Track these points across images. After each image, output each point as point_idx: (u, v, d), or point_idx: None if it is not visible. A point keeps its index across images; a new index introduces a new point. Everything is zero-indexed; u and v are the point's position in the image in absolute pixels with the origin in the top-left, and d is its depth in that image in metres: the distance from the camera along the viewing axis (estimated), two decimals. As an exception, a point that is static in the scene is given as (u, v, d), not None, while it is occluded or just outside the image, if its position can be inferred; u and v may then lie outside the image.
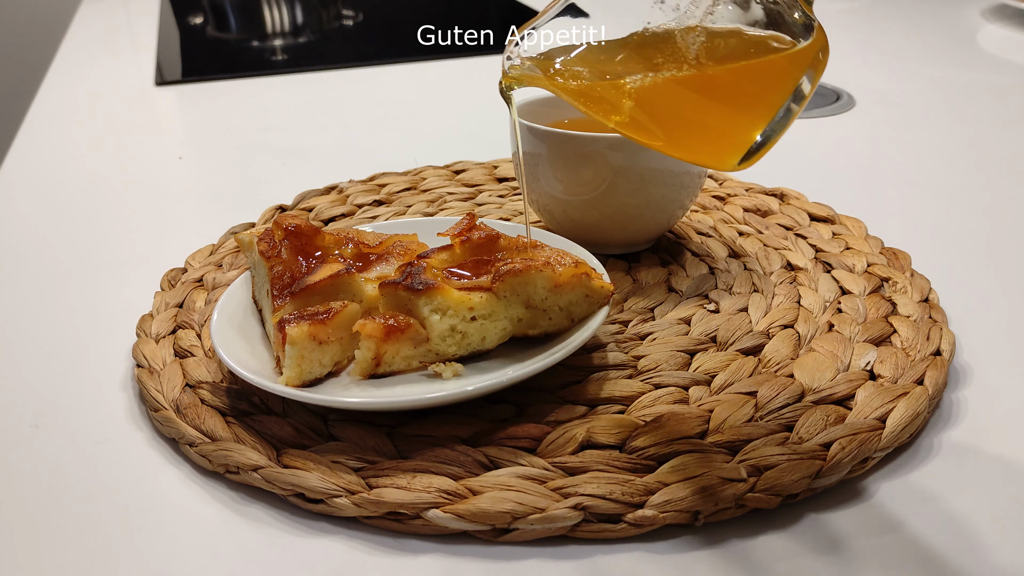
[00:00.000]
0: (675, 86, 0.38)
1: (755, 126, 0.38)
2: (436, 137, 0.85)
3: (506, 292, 0.43)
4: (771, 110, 0.38)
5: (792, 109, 0.38)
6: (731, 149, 0.39)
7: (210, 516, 0.37)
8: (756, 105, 0.38)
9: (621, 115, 0.38)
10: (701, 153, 0.40)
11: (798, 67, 0.38)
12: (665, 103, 0.38)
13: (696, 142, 0.40)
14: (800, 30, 0.38)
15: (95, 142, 0.86)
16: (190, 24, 1.39)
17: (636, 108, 0.38)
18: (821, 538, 0.35)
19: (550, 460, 0.38)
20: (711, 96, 0.38)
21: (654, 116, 0.39)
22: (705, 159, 0.40)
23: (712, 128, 0.39)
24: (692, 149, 0.40)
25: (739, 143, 0.38)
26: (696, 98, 0.38)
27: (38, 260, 0.61)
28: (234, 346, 0.43)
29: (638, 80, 0.38)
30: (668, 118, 0.39)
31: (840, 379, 0.43)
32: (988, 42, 1.16)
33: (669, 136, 0.39)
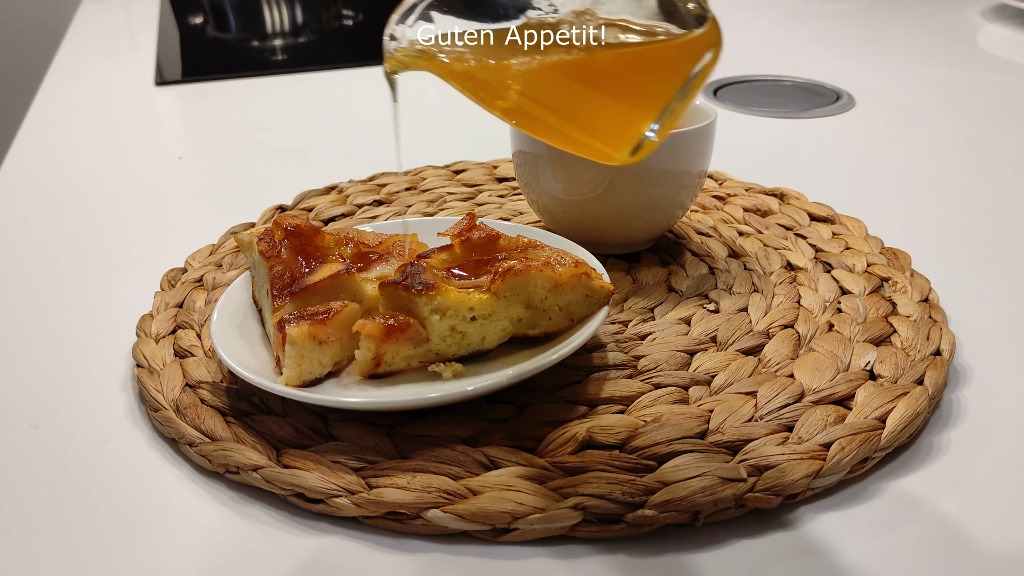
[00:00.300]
0: (561, 73, 0.37)
1: (644, 118, 0.37)
2: (436, 137, 0.85)
3: (506, 292, 0.43)
4: (660, 102, 0.37)
5: (682, 100, 0.37)
6: (620, 141, 0.38)
7: (210, 516, 0.37)
8: (645, 96, 0.37)
9: (507, 101, 0.37)
10: (589, 145, 0.39)
11: (688, 58, 0.37)
12: (551, 90, 0.38)
13: (584, 133, 0.39)
14: (693, 22, 0.38)
15: (95, 142, 0.86)
16: (190, 24, 1.39)
17: (521, 94, 0.37)
18: (821, 538, 0.35)
19: (550, 460, 0.38)
20: (598, 85, 0.37)
21: (540, 103, 0.38)
22: (593, 152, 0.39)
23: (600, 119, 0.38)
24: (579, 141, 0.39)
25: (628, 135, 0.37)
26: (583, 87, 0.37)
27: (38, 260, 0.61)
28: (234, 346, 0.43)
29: (523, 64, 0.37)
30: (553, 107, 0.38)
31: (840, 379, 0.43)
32: (988, 42, 1.16)
33: (556, 125, 0.38)
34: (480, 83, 0.38)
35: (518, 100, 0.37)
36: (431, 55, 0.38)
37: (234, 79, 1.06)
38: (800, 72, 1.01)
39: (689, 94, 0.37)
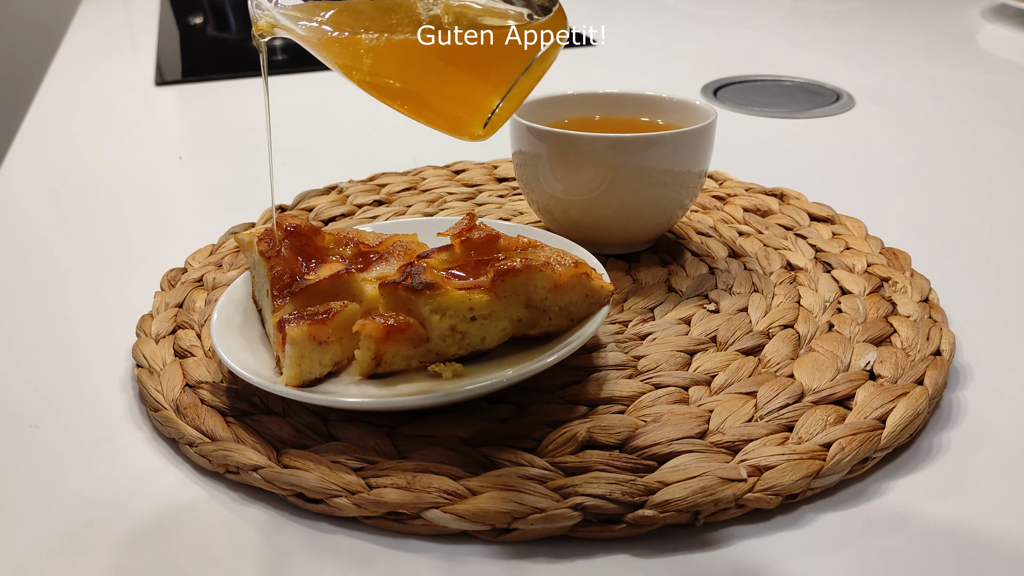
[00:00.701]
0: (413, 48, 0.38)
1: (491, 93, 0.39)
2: (436, 137, 0.85)
3: (506, 292, 0.43)
4: (506, 80, 0.39)
5: (525, 80, 0.40)
6: (471, 115, 0.40)
7: (210, 516, 0.37)
8: (491, 74, 0.40)
9: (361, 72, 0.39)
10: (442, 118, 0.41)
11: (532, 41, 0.39)
12: (403, 64, 0.39)
13: (435, 107, 0.41)
14: (539, 10, 0.40)
15: (95, 142, 0.86)
16: (190, 24, 1.39)
17: (375, 66, 0.39)
18: (821, 538, 0.35)
19: (550, 460, 0.38)
20: (447, 61, 0.39)
21: (393, 76, 0.40)
22: (446, 125, 0.41)
23: (449, 94, 0.40)
24: (433, 113, 0.41)
25: (478, 110, 0.40)
26: (433, 62, 0.39)
27: (38, 260, 0.61)
28: (234, 346, 0.43)
29: (375, 38, 0.38)
30: (406, 80, 0.40)
31: (840, 379, 0.43)
32: (988, 42, 1.16)
33: (409, 98, 0.40)
34: (336, 54, 0.40)
35: (373, 73, 0.39)
36: (294, 22, 0.40)
37: (234, 79, 1.06)
38: (800, 72, 1.01)
39: (533, 74, 0.40)
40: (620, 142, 0.50)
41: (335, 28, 0.40)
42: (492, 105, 0.39)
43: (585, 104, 0.60)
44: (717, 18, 1.35)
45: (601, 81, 1.03)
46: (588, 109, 0.60)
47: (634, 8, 1.43)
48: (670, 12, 1.40)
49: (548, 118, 0.58)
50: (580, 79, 1.04)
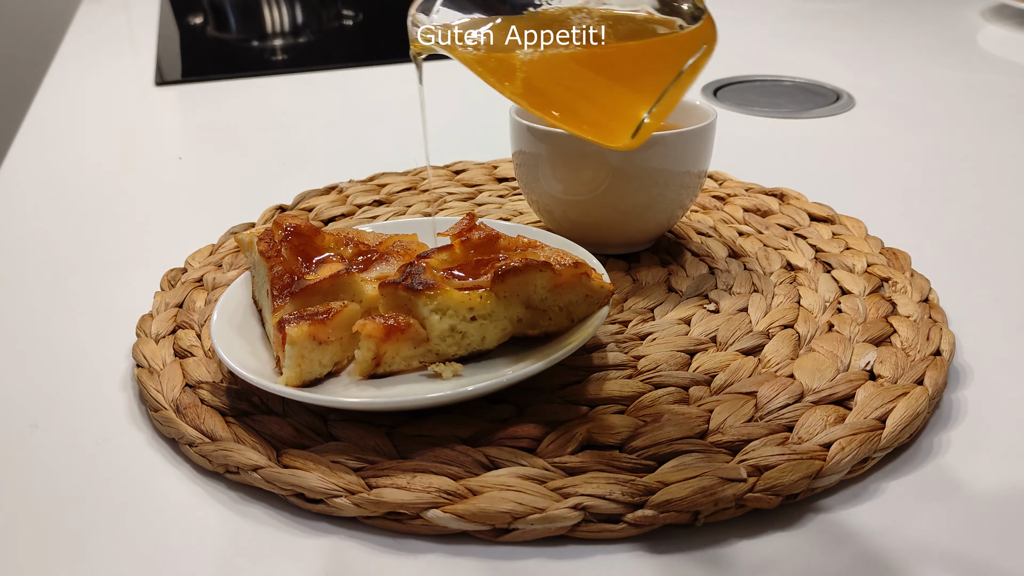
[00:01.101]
0: (564, 61, 0.39)
1: (641, 104, 0.39)
2: (436, 137, 0.85)
3: (506, 292, 0.43)
4: (656, 90, 0.39)
5: (675, 90, 0.40)
6: (620, 125, 0.40)
7: (210, 516, 0.37)
8: (641, 84, 0.40)
9: (515, 85, 0.40)
10: (592, 127, 0.41)
11: (681, 51, 0.40)
12: (556, 77, 0.40)
13: (586, 117, 0.41)
14: (688, 18, 0.40)
15: (95, 142, 0.86)
16: (190, 24, 1.39)
17: (529, 80, 0.40)
18: (821, 538, 0.35)
19: (550, 460, 0.38)
20: (599, 72, 0.40)
21: (544, 89, 0.40)
22: (596, 134, 0.41)
23: (600, 104, 0.41)
24: (583, 123, 0.41)
25: (627, 119, 0.40)
26: (585, 73, 0.40)
27: (38, 260, 0.61)
28: (234, 346, 0.43)
29: (530, 53, 0.39)
30: (558, 92, 0.41)
31: (840, 379, 0.43)
32: (988, 42, 1.16)
33: (560, 109, 0.41)
34: (491, 69, 0.41)
35: (526, 85, 0.40)
36: (451, 41, 0.42)
37: (234, 79, 1.06)
38: (800, 72, 1.01)
39: (682, 84, 0.39)
40: (620, 142, 0.50)
41: (489, 44, 0.41)
42: (641, 115, 0.39)
43: (585, 104, 0.60)
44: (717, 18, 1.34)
45: (601, 81, 1.02)
46: (588, 109, 0.60)
47: (634, 8, 1.43)
48: (670, 12, 1.40)
49: (548, 118, 0.58)
50: (580, 79, 1.03)
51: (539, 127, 0.53)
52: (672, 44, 0.40)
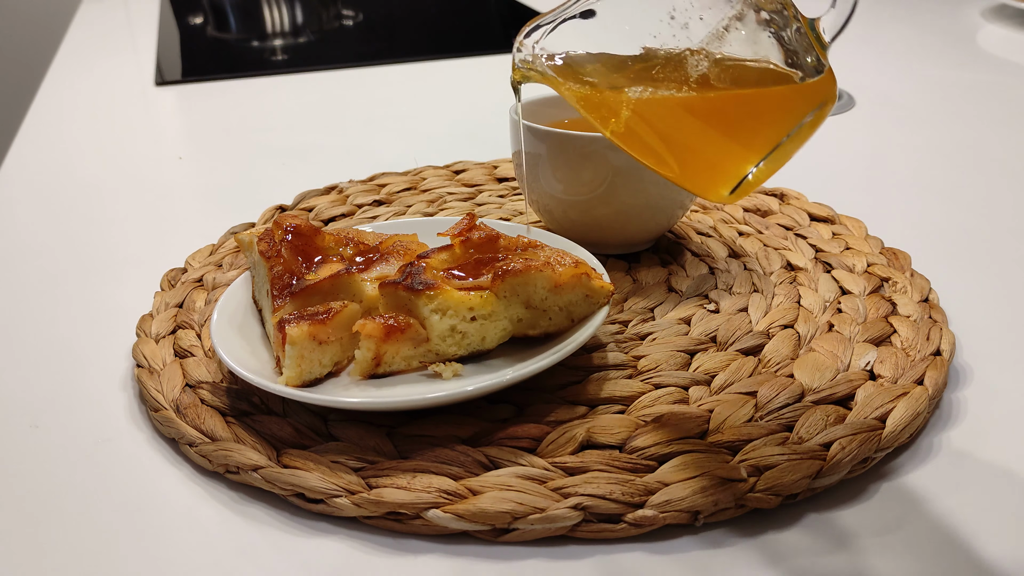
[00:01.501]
0: (674, 105, 0.37)
1: (749, 158, 0.37)
2: (436, 137, 0.85)
3: (506, 292, 0.43)
4: (767, 144, 0.37)
5: (788, 145, 0.37)
6: (723, 178, 0.38)
7: (210, 516, 0.37)
8: (753, 137, 0.38)
9: (617, 125, 0.38)
10: (692, 178, 0.39)
11: (801, 105, 0.37)
12: (661, 120, 0.38)
13: (688, 165, 0.39)
14: (811, 71, 0.38)
15: (95, 142, 0.86)
16: (190, 24, 1.39)
17: (632, 120, 0.38)
18: (821, 538, 0.35)
19: (550, 460, 0.38)
20: (709, 121, 0.38)
21: (649, 132, 0.38)
22: (695, 185, 0.39)
23: (706, 154, 0.39)
24: (684, 172, 0.39)
25: (731, 173, 0.38)
26: (693, 121, 0.38)
27: (38, 260, 0.61)
28: (234, 346, 0.43)
29: (638, 93, 0.37)
30: (662, 136, 0.39)
31: (840, 379, 0.43)
32: (988, 42, 1.16)
33: (662, 155, 0.39)
34: (595, 105, 0.39)
35: (629, 126, 0.38)
36: (555, 72, 0.40)
37: (234, 79, 1.06)
38: (800, 72, 1.01)
39: (797, 140, 0.37)
40: (620, 142, 0.50)
41: (597, 80, 0.39)
42: (746, 171, 0.37)
43: (585, 104, 0.60)
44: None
45: (601, 81, 1.03)
46: (588, 109, 0.60)
47: (634, 8, 1.43)
48: (670, 12, 1.40)
49: (548, 118, 0.58)
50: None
51: (539, 127, 0.53)
52: (789, 97, 0.37)
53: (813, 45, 0.38)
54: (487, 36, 1.35)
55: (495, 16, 1.49)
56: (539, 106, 0.58)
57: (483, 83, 1.04)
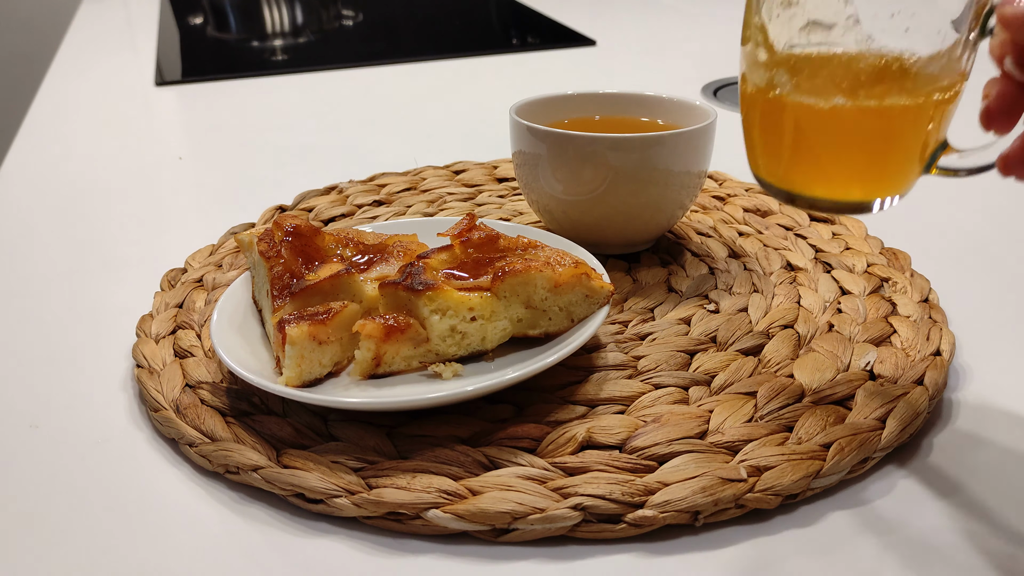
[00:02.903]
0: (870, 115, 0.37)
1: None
2: (436, 137, 0.85)
3: (506, 292, 0.43)
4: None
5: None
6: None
7: (210, 516, 0.37)
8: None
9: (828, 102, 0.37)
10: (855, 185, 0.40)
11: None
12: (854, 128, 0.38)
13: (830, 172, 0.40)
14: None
15: (95, 142, 0.86)
16: (190, 24, 1.39)
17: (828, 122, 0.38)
18: (821, 538, 0.35)
19: (550, 460, 0.38)
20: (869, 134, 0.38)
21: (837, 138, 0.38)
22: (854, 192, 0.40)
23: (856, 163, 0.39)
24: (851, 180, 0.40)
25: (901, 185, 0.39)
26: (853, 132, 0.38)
27: (38, 260, 0.61)
28: (234, 346, 0.43)
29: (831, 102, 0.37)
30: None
31: (840, 379, 0.43)
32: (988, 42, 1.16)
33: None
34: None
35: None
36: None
37: (234, 79, 1.06)
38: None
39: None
40: (620, 142, 0.50)
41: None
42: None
43: (585, 104, 0.60)
44: (717, 18, 1.35)
45: (601, 81, 1.03)
46: (588, 109, 0.60)
47: (634, 8, 1.43)
48: (670, 12, 1.40)
49: (548, 118, 0.58)
50: (580, 79, 1.04)
51: (539, 127, 0.53)
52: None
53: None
54: (487, 36, 1.35)
55: (495, 16, 1.49)
56: (539, 106, 0.58)
57: (483, 83, 1.04)
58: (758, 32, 0.39)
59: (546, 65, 1.11)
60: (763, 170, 0.41)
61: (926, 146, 0.38)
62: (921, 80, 0.36)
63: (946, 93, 0.37)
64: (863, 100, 0.36)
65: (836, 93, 0.36)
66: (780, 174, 0.40)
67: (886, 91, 0.36)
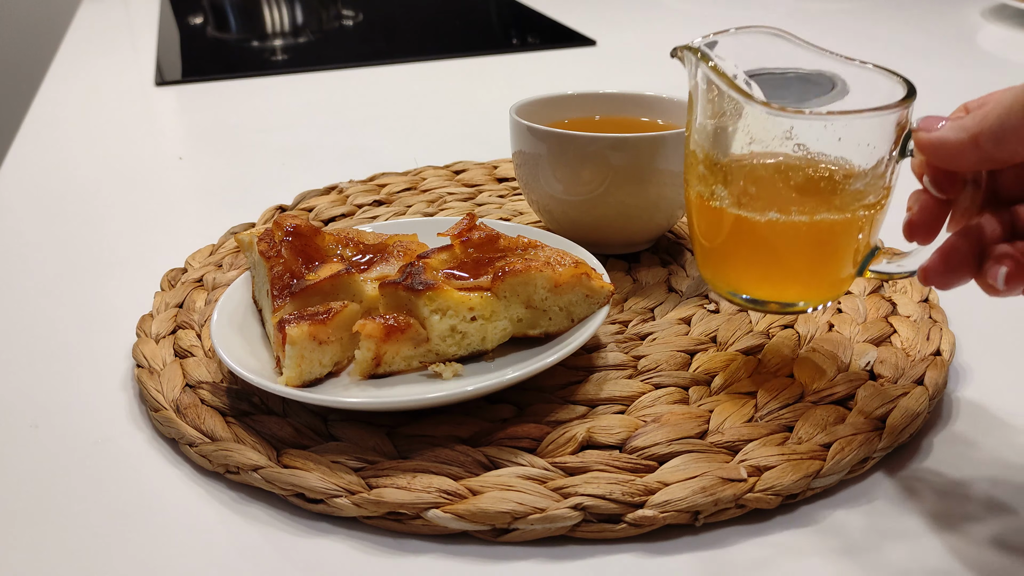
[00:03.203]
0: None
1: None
2: (436, 137, 0.85)
3: (506, 292, 0.43)
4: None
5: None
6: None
7: (210, 516, 0.37)
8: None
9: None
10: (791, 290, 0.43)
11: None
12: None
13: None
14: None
15: (95, 142, 0.86)
16: (190, 24, 1.39)
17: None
18: (821, 539, 0.35)
19: (550, 460, 0.38)
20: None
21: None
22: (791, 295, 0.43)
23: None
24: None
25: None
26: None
27: (38, 260, 0.61)
28: (234, 346, 0.43)
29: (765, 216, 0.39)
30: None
31: (840, 379, 0.43)
32: (988, 42, 1.16)
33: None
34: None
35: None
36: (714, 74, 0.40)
37: (234, 79, 1.06)
38: (800, 72, 1.01)
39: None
40: (620, 142, 0.50)
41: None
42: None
43: (585, 104, 0.60)
44: (717, 18, 1.35)
45: (601, 81, 1.03)
46: (588, 109, 0.60)
47: (634, 8, 1.43)
48: (670, 12, 1.40)
49: (548, 118, 0.58)
50: (580, 79, 1.04)
51: (539, 127, 0.53)
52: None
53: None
54: (487, 36, 1.35)
55: (495, 16, 1.49)
56: (539, 106, 0.58)
57: (483, 83, 1.04)
58: (699, 143, 0.41)
59: (546, 65, 1.11)
60: (706, 270, 0.44)
61: (858, 252, 0.41)
62: (849, 196, 0.39)
63: (873, 208, 0.40)
64: (796, 216, 0.39)
65: (771, 208, 0.39)
66: (720, 274, 0.43)
67: (817, 207, 0.39)
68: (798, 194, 0.40)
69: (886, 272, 0.41)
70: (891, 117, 0.38)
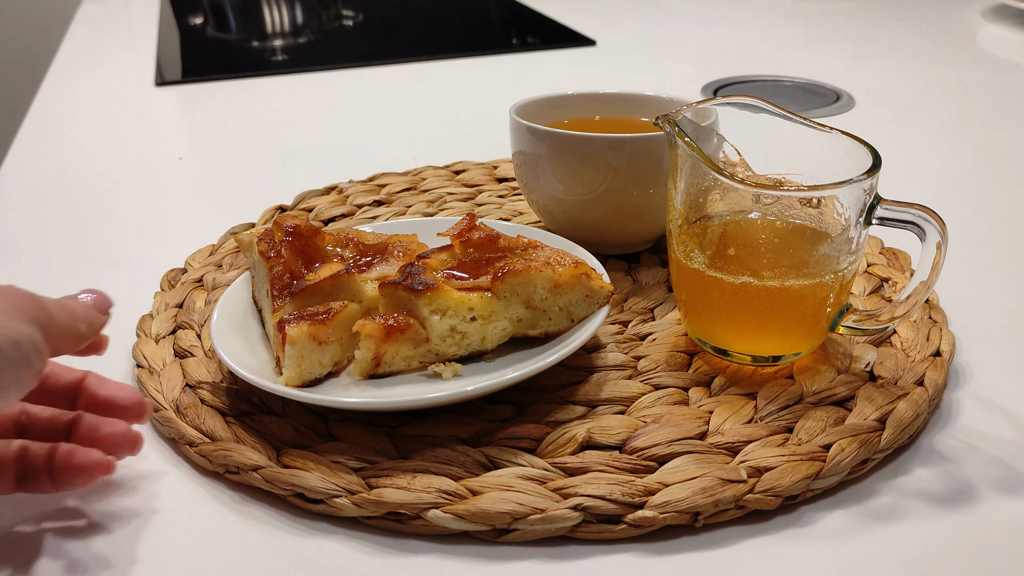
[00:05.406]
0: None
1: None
2: (436, 137, 0.85)
3: (506, 292, 0.43)
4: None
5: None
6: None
7: (210, 516, 0.37)
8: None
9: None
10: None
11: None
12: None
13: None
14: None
15: (95, 142, 0.86)
16: (190, 24, 1.39)
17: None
18: (821, 539, 0.35)
19: (550, 460, 0.38)
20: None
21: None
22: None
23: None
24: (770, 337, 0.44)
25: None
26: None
27: (38, 260, 0.61)
28: (234, 346, 0.43)
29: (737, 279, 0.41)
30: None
31: (840, 380, 0.43)
32: (988, 42, 1.16)
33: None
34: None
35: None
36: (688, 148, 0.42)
37: (234, 79, 1.06)
38: (800, 72, 1.01)
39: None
40: (620, 142, 0.50)
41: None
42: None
43: (585, 104, 0.60)
44: (717, 18, 1.35)
45: (601, 81, 1.03)
46: (588, 109, 0.60)
47: (634, 8, 1.43)
48: (670, 12, 1.40)
49: (548, 118, 0.58)
50: (580, 79, 1.04)
51: (539, 127, 0.52)
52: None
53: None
54: (487, 36, 1.35)
55: (495, 16, 1.49)
56: (539, 106, 0.58)
57: (483, 83, 1.04)
58: (677, 206, 0.43)
59: (546, 65, 1.11)
60: (689, 324, 0.46)
61: (831, 312, 0.43)
62: (820, 260, 0.41)
63: (843, 272, 0.41)
64: (768, 281, 0.41)
65: (744, 272, 0.41)
66: (702, 328, 0.45)
67: (788, 273, 0.41)
68: (768, 260, 0.42)
69: (859, 329, 0.43)
70: (859, 187, 0.40)
